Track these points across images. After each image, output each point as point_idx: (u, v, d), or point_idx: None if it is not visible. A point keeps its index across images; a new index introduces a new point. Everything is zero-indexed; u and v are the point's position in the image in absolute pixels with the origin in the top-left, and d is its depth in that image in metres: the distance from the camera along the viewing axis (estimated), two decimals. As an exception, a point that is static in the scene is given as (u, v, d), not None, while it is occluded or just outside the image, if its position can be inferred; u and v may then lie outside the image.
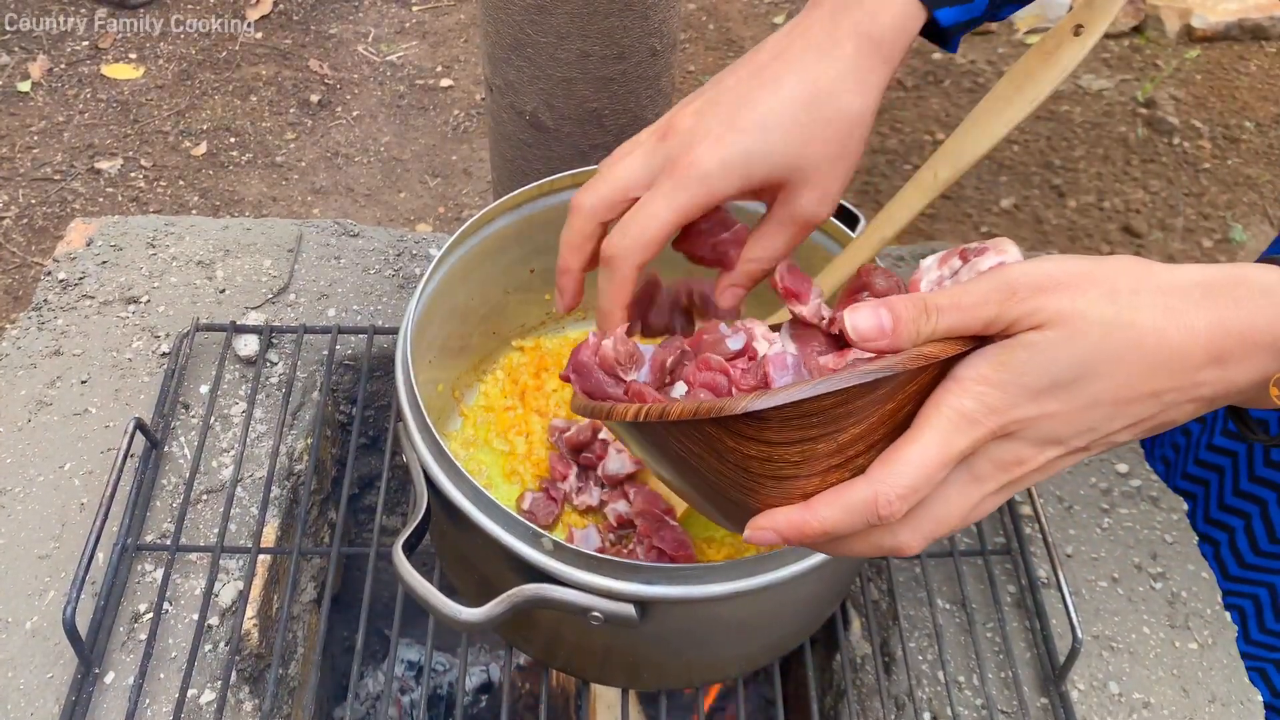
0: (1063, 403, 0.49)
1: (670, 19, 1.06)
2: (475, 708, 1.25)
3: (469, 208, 2.53)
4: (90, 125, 2.68)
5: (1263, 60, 3.00)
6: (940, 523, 0.51)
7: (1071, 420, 0.50)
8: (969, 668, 0.88)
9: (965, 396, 0.48)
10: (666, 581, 0.67)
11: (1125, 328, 0.48)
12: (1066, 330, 0.48)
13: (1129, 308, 0.48)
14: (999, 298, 0.49)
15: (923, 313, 0.49)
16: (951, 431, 0.48)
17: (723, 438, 0.50)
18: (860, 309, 0.50)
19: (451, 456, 0.70)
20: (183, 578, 0.89)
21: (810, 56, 0.61)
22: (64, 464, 0.96)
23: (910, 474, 0.48)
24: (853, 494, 0.49)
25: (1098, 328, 0.48)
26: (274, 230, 1.18)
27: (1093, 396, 0.49)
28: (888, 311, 0.49)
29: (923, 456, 0.48)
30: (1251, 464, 0.98)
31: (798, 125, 0.60)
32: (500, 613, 0.67)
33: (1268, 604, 0.99)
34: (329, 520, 1.07)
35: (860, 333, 0.49)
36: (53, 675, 0.82)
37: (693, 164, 0.59)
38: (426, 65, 2.93)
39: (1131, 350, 0.48)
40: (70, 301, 1.09)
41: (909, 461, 0.48)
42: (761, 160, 0.60)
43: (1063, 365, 0.48)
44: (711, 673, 0.84)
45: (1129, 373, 0.49)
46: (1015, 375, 0.48)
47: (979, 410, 0.48)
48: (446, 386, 0.93)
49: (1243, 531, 0.99)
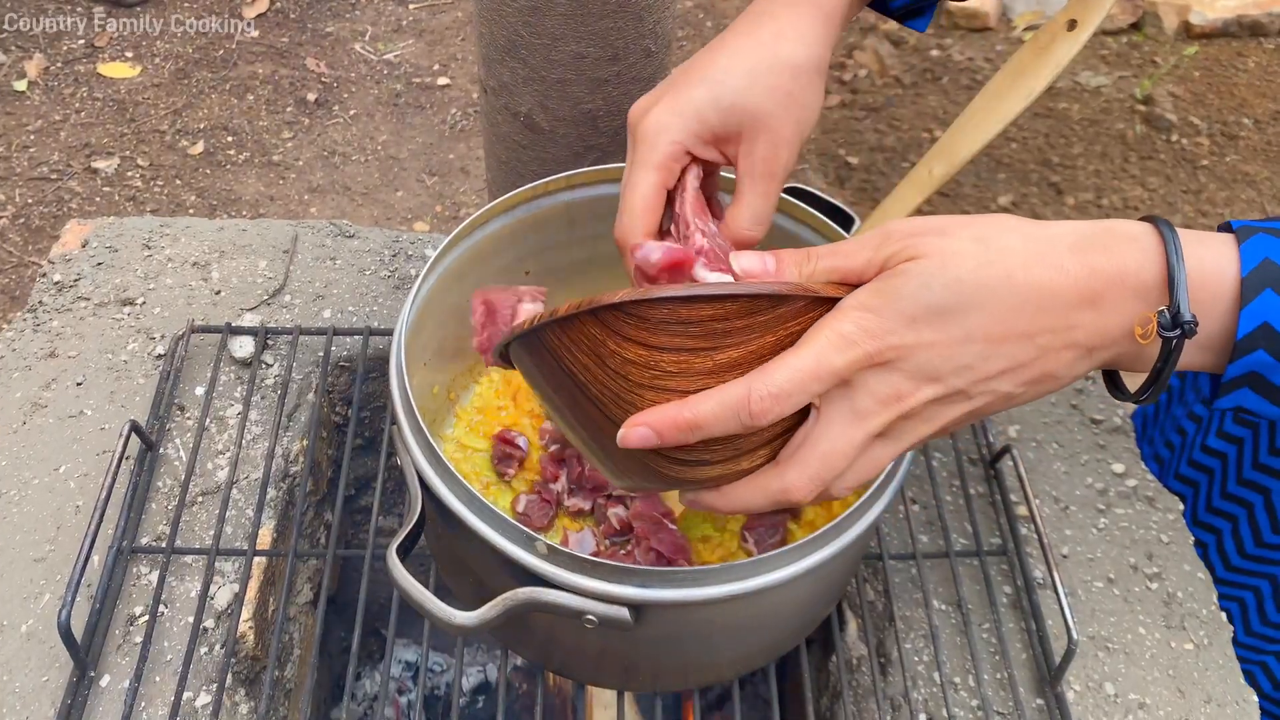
0: (937, 331, 0.50)
1: (665, 20, 1.06)
2: (472, 708, 1.25)
3: (466, 206, 2.53)
4: (87, 124, 2.68)
5: (1261, 57, 3.00)
6: (826, 461, 0.53)
7: (946, 353, 0.51)
8: (965, 669, 0.88)
9: (844, 321, 0.51)
10: (661, 584, 0.66)
11: (995, 264, 0.50)
12: (939, 260, 0.50)
13: (998, 249, 0.51)
14: (875, 242, 0.52)
15: (805, 257, 0.53)
16: (828, 348, 0.50)
17: (606, 340, 0.52)
18: (746, 254, 0.53)
19: (445, 460, 0.70)
20: (178, 580, 0.89)
21: (748, 24, 0.65)
22: (59, 466, 0.96)
23: (783, 377, 0.50)
24: (727, 390, 0.51)
25: (970, 260, 0.50)
26: (269, 231, 1.18)
27: (966, 330, 0.51)
28: (772, 256, 0.53)
29: (797, 363, 0.50)
30: (1241, 465, 0.99)
31: (742, 76, 0.63)
32: (494, 616, 0.67)
33: (1269, 595, 0.99)
34: (325, 522, 1.07)
35: (745, 270, 0.53)
36: (48, 678, 0.82)
37: (650, 123, 0.64)
38: (423, 64, 2.92)
39: (1002, 284, 0.50)
40: (66, 303, 1.09)
41: (784, 366, 0.50)
42: (712, 105, 0.63)
43: (936, 293, 0.50)
44: (707, 674, 0.84)
45: (1000, 307, 0.50)
46: (890, 300, 0.50)
47: (855, 332, 0.50)
48: (442, 388, 0.93)
49: (1246, 521, 0.99)
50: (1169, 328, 0.51)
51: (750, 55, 0.64)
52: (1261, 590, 0.99)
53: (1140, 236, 0.52)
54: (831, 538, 0.69)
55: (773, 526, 0.83)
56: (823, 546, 0.69)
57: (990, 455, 1.01)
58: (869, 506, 0.70)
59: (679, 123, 0.63)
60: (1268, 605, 0.99)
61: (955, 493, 0.99)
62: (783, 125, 0.65)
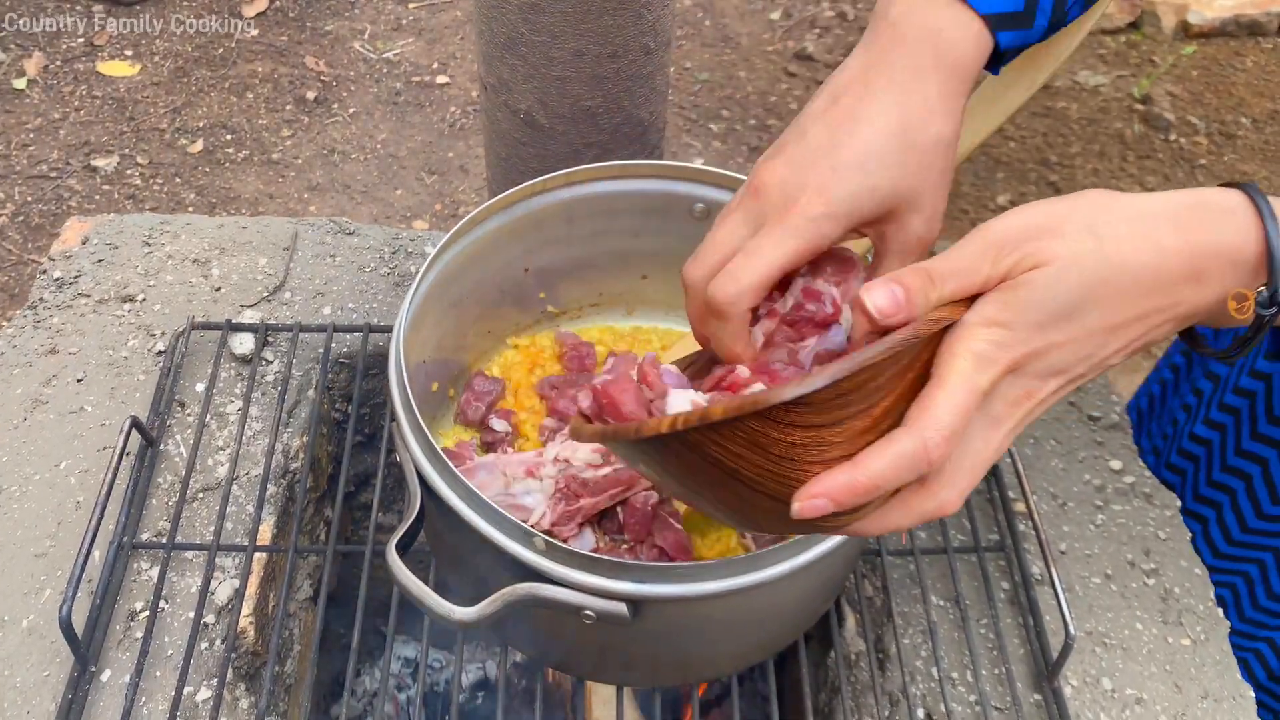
0: (1064, 333, 0.52)
1: (664, 17, 1.06)
2: (471, 704, 1.25)
3: (466, 204, 2.53)
4: (86, 122, 2.68)
5: (1259, 56, 3.00)
6: (973, 472, 0.54)
7: (1074, 349, 0.53)
8: (963, 664, 0.88)
9: (976, 340, 0.51)
10: (659, 580, 0.67)
11: (1110, 258, 0.51)
12: (1059, 265, 0.51)
13: (1110, 239, 0.52)
14: (991, 255, 0.52)
15: (929, 281, 0.52)
16: (973, 373, 0.51)
17: (768, 430, 0.51)
18: (874, 287, 0.52)
19: (444, 456, 0.70)
20: (179, 576, 0.89)
21: (895, 91, 0.61)
22: (60, 462, 0.96)
23: (948, 416, 0.50)
24: (898, 445, 0.51)
25: (1088, 259, 0.51)
26: (269, 228, 1.19)
27: (1090, 324, 0.52)
28: (899, 286, 0.52)
29: (953, 399, 0.51)
30: (1224, 453, 0.99)
31: (895, 160, 0.61)
32: (493, 612, 0.67)
33: (1259, 580, 0.99)
34: (325, 518, 1.08)
35: (881, 310, 0.51)
36: (49, 673, 0.83)
37: (802, 210, 0.60)
38: (423, 62, 2.93)
39: (1118, 275, 0.52)
40: (66, 300, 1.09)
41: (943, 405, 0.51)
42: (867, 198, 0.61)
43: (1061, 298, 0.51)
44: (706, 670, 0.84)
45: (1121, 298, 0.52)
46: (1019, 313, 0.51)
47: (992, 349, 0.51)
48: (441, 385, 0.93)
49: (1229, 508, 0.99)
50: (1266, 305, 0.53)
51: (901, 138, 0.61)
52: (1252, 576, 1.00)
53: (1236, 210, 0.53)
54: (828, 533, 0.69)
55: (771, 522, 0.83)
56: (820, 542, 0.69)
57: (988, 452, 1.01)
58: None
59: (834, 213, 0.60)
60: (1258, 590, 0.99)
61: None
62: (935, 202, 0.64)
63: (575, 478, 0.78)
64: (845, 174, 0.60)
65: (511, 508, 0.76)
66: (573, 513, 0.79)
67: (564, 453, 0.80)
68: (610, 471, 0.79)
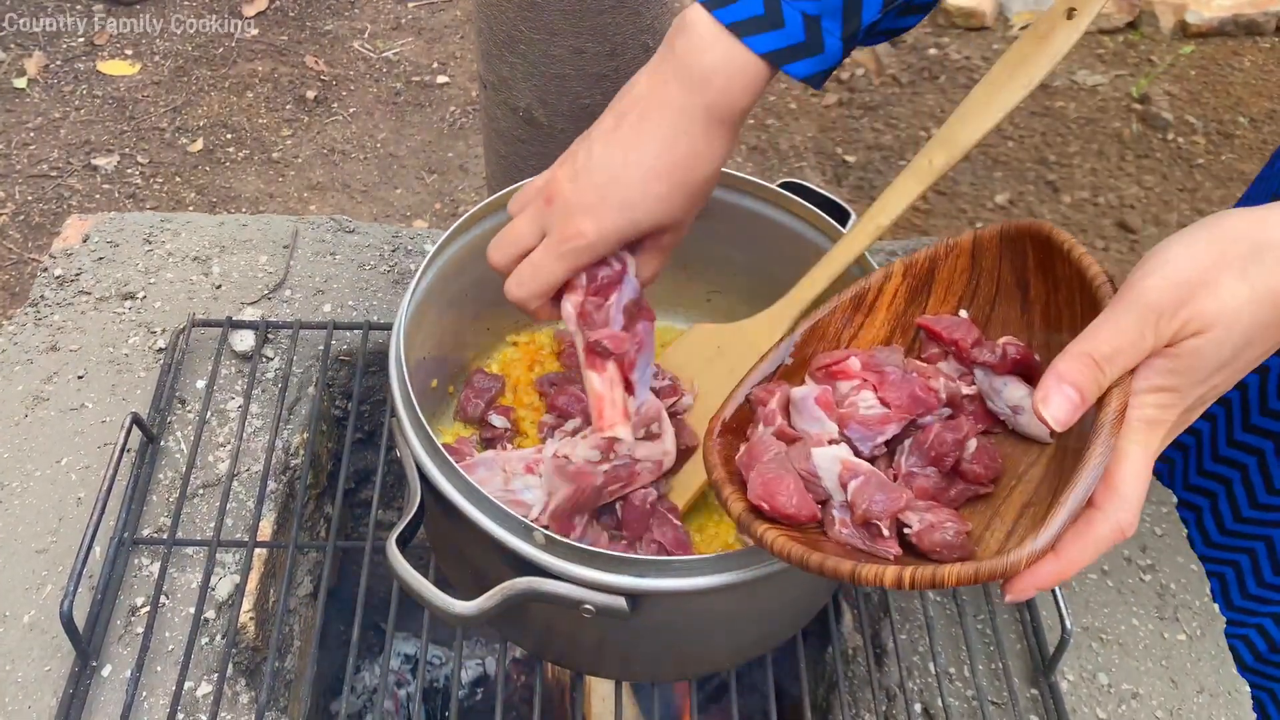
0: (1224, 377, 0.56)
1: (663, 16, 1.07)
2: (470, 700, 1.26)
3: (465, 203, 2.54)
4: (87, 122, 2.69)
5: (1257, 56, 3.00)
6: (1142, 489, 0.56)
7: (1229, 384, 0.57)
8: (959, 659, 0.89)
9: (1148, 408, 0.55)
10: (657, 574, 0.67)
11: (1265, 298, 0.54)
12: (1223, 326, 0.54)
13: (1261, 278, 0.54)
14: (1152, 324, 0.54)
15: (1098, 371, 0.55)
16: (1147, 440, 0.55)
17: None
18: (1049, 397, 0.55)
19: (444, 451, 0.71)
20: (179, 571, 0.90)
21: (666, 130, 0.69)
22: (61, 459, 0.96)
23: (1135, 494, 0.55)
24: (1097, 532, 0.55)
25: (1246, 312, 0.54)
26: (270, 226, 1.19)
27: (1247, 362, 0.56)
28: (1073, 389, 0.55)
29: (1136, 471, 0.55)
30: (1230, 427, 1.00)
31: (659, 198, 0.70)
32: (493, 606, 0.68)
33: (1248, 570, 1.00)
34: (325, 514, 1.08)
35: (1060, 421, 0.55)
36: (50, 668, 0.83)
37: (578, 234, 0.69)
38: (422, 62, 2.93)
39: (1275, 313, 0.54)
40: (67, 297, 1.10)
41: (1129, 484, 0.54)
42: (630, 229, 0.70)
43: (1225, 354, 0.54)
44: (704, 664, 0.84)
45: (1273, 333, 0.55)
46: (1185, 377, 0.55)
47: (1161, 414, 0.55)
48: (441, 382, 0.93)
49: (1243, 483, 0.99)
50: None
51: (669, 179, 0.69)
52: (1242, 565, 1.00)
53: None
54: (827, 527, 0.69)
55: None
56: (818, 536, 0.69)
57: (985, 449, 1.01)
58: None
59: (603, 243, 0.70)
60: (1248, 580, 1.00)
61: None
62: (688, 220, 0.74)
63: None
64: (615, 212, 0.69)
65: (511, 504, 0.77)
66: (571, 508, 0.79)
67: (563, 449, 0.80)
68: (609, 468, 0.79)
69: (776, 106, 2.83)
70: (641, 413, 0.79)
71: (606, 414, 0.76)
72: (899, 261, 0.72)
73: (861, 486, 0.62)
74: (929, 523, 0.59)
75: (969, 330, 0.68)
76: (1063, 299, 0.66)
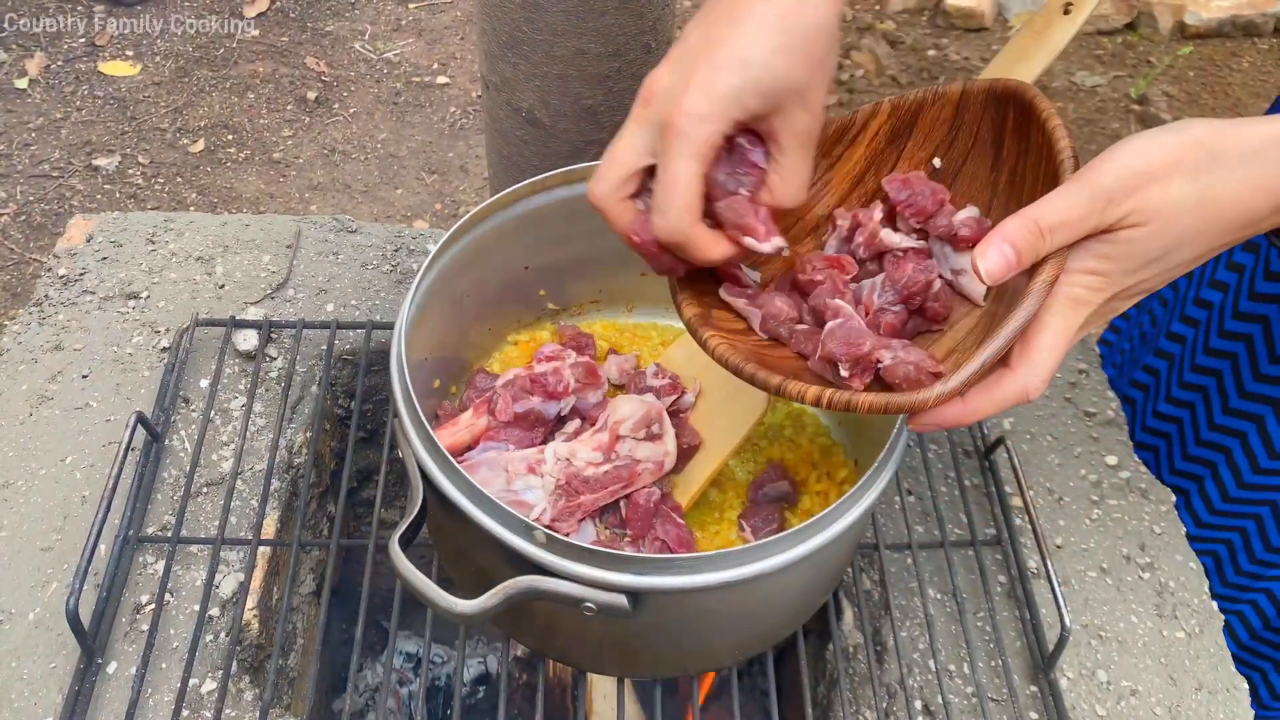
0: (1153, 272, 0.58)
1: (665, 16, 1.07)
2: (473, 699, 1.26)
3: (466, 204, 2.54)
4: (88, 122, 2.69)
5: (1255, 57, 3.01)
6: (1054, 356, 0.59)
7: (1158, 282, 0.59)
8: (959, 656, 0.89)
9: (1076, 286, 0.58)
10: (658, 572, 0.68)
11: (1210, 204, 0.56)
12: (1161, 222, 0.56)
13: (1210, 185, 0.55)
14: (1100, 206, 0.56)
15: (1038, 237, 0.57)
16: (1070, 315, 0.58)
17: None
18: (987, 250, 0.57)
19: (446, 451, 0.71)
20: (184, 569, 0.90)
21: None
22: (66, 457, 0.97)
23: (1048, 363, 0.58)
24: (1005, 389, 0.58)
25: (1188, 213, 0.56)
26: (273, 226, 1.19)
27: (1178, 262, 0.58)
28: (1010, 247, 0.57)
29: (1053, 343, 0.58)
30: (1209, 414, 1.00)
31: (774, 50, 0.60)
32: (495, 604, 0.68)
33: (1243, 546, 1.01)
34: (328, 513, 1.09)
35: (992, 274, 0.57)
36: (56, 665, 0.84)
37: (688, 112, 0.59)
38: (423, 63, 2.93)
39: (1215, 222, 0.56)
40: (71, 297, 1.10)
41: (1044, 351, 0.57)
42: (752, 90, 0.60)
43: (1156, 250, 0.57)
44: (705, 661, 0.85)
45: (1209, 239, 0.57)
46: (1117, 264, 0.57)
47: (1088, 294, 0.58)
48: (443, 382, 0.94)
49: (1225, 466, 1.00)
50: None
51: (779, 28, 0.60)
52: (1234, 543, 1.01)
53: None
54: (826, 524, 0.70)
55: (769, 515, 0.84)
56: (817, 533, 0.70)
57: (985, 447, 1.02)
58: (863, 493, 0.71)
59: (719, 111, 0.59)
60: (1240, 557, 1.01)
61: (950, 484, 1.00)
62: (818, 92, 0.62)
63: (576, 475, 0.79)
64: (726, 71, 0.59)
65: (512, 504, 0.77)
66: (573, 508, 0.80)
67: (564, 450, 0.81)
68: (610, 469, 0.80)
69: (776, 107, 2.84)
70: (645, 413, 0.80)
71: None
72: (887, 100, 0.73)
73: (835, 329, 0.65)
74: (899, 359, 0.62)
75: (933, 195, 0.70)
76: (1029, 164, 0.67)
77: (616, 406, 0.82)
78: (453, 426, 0.85)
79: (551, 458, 0.80)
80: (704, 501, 0.87)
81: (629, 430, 0.81)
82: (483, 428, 0.85)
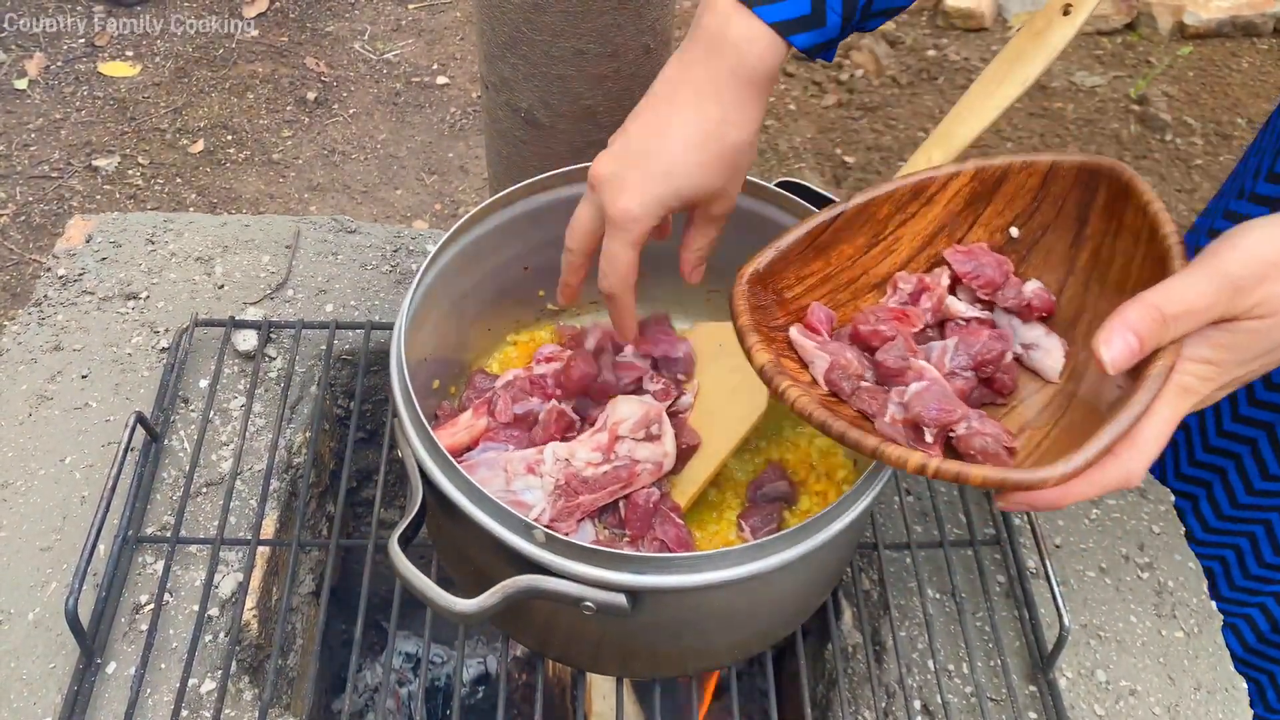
0: (1263, 363, 0.57)
1: (664, 17, 1.07)
2: (472, 699, 1.26)
3: (465, 204, 2.54)
4: (87, 123, 2.69)
5: (1255, 57, 3.01)
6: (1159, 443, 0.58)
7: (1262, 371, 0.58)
8: (958, 656, 0.89)
9: (1188, 375, 0.57)
10: (657, 571, 0.68)
11: None
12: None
13: None
14: (1226, 296, 0.55)
15: (1162, 326, 0.55)
16: (1178, 405, 0.57)
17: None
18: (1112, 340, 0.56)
19: (445, 451, 0.71)
20: (183, 569, 0.90)
21: (696, 104, 0.71)
22: (65, 457, 0.97)
23: (1151, 451, 0.57)
24: (1107, 475, 0.57)
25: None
26: (272, 227, 1.19)
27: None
28: (1134, 336, 0.56)
29: (1158, 431, 0.57)
30: (1219, 419, 1.00)
31: (695, 165, 0.71)
32: (494, 604, 0.68)
33: (1252, 550, 1.00)
34: (327, 513, 1.09)
35: (1116, 364, 0.56)
36: (55, 665, 0.84)
37: (624, 212, 0.71)
38: (422, 63, 2.93)
39: None
40: (70, 297, 1.10)
41: (1150, 440, 0.56)
42: (673, 198, 0.72)
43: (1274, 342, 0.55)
44: (705, 660, 0.85)
45: None
46: (1234, 354, 0.56)
47: (1198, 384, 0.57)
48: (442, 382, 0.94)
49: (1237, 471, 1.00)
50: None
51: (701, 146, 0.71)
52: (1242, 548, 1.01)
53: None
54: (824, 524, 0.70)
55: (768, 515, 0.84)
56: (816, 532, 0.70)
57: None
58: (861, 493, 0.71)
59: (649, 213, 0.72)
60: (1249, 561, 1.01)
61: (949, 484, 1.00)
62: (731, 190, 0.75)
63: (575, 475, 0.79)
64: (654, 180, 0.71)
65: (512, 504, 0.77)
66: (572, 508, 0.80)
67: (563, 451, 0.81)
68: (609, 469, 0.80)
69: (776, 107, 2.84)
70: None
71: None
72: (973, 162, 0.72)
73: (923, 391, 0.63)
74: (975, 430, 0.61)
75: (999, 266, 0.70)
76: (1121, 245, 0.66)
77: (616, 407, 0.82)
78: (452, 427, 0.85)
79: (550, 458, 0.80)
80: (703, 501, 0.87)
81: (628, 431, 0.81)
82: (482, 428, 0.85)
